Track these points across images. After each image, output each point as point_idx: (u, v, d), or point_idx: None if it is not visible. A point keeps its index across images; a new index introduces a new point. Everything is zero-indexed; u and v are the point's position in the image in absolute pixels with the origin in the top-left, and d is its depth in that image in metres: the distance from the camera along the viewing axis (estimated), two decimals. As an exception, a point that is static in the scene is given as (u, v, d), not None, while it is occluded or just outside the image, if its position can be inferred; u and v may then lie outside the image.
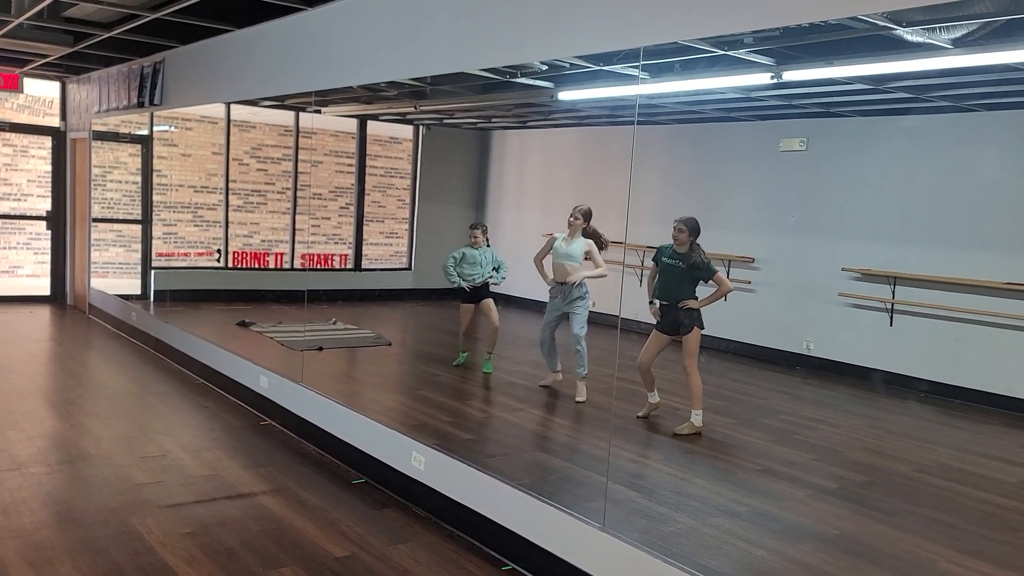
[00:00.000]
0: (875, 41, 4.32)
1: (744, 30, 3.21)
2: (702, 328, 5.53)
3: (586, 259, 6.17)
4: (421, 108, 8.99)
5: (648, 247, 8.46)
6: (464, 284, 6.89)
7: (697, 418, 5.44)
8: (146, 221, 9.37)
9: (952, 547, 3.99)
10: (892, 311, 7.14)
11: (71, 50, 7.73)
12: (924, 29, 3.96)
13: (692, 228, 5.54)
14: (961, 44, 4.10)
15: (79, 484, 4.50)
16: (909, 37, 4.09)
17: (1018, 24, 3.79)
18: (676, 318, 5.53)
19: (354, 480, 4.79)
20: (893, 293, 7.11)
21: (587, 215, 6.26)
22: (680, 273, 5.55)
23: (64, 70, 9.73)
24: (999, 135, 6.71)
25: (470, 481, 4.08)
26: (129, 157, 9.82)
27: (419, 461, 4.39)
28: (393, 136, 11.56)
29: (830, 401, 7.11)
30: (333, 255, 11.36)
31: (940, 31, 4.00)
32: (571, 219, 6.19)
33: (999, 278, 6.47)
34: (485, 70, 5.35)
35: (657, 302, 5.63)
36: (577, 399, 6.05)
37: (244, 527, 4.03)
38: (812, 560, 3.78)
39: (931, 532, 4.15)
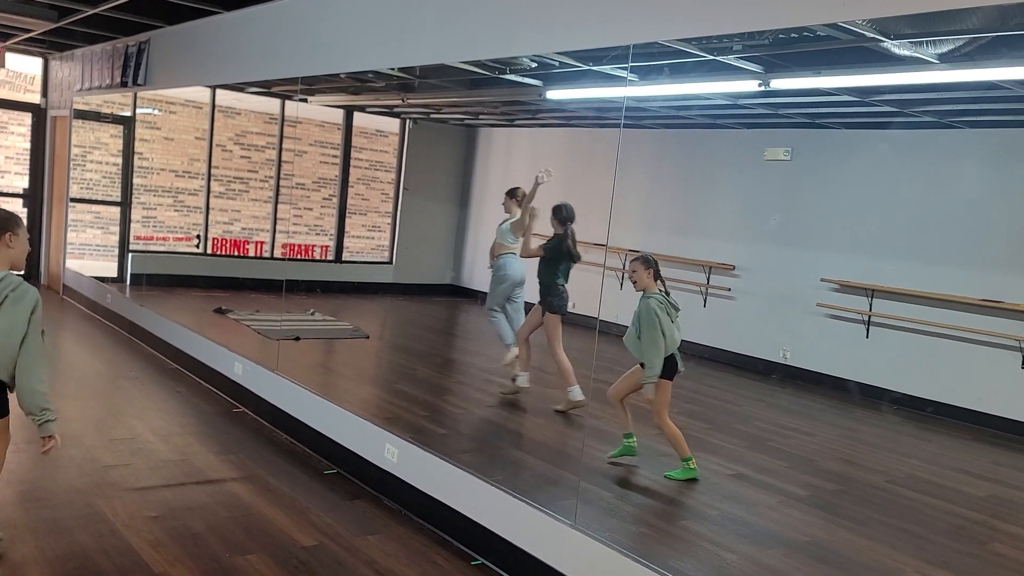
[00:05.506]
0: (862, 53, 4.35)
1: (732, 32, 3.22)
2: (554, 312, 5.79)
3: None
4: (408, 101, 8.95)
5: (631, 250, 8.50)
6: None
7: (573, 393, 5.71)
8: (125, 203, 9.26)
9: (920, 558, 4.02)
10: (869, 323, 7.20)
11: (55, 25, 7.61)
12: (911, 43, 4.00)
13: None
14: (947, 59, 4.14)
15: (45, 464, 4.43)
16: (896, 50, 4.13)
17: (1003, 41, 3.83)
18: None
19: (326, 470, 4.75)
20: (870, 305, 7.17)
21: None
22: None
23: (47, 46, 9.59)
24: (979, 152, 6.78)
25: (442, 475, 4.06)
26: (110, 138, 9.70)
27: (392, 453, 4.36)
28: (379, 129, 11.50)
29: (804, 410, 7.15)
30: (314, 246, 11.28)
31: (927, 45, 4.03)
32: None
33: (974, 294, 6.55)
34: (473, 65, 5.34)
35: None
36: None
37: (212, 513, 3.98)
38: (781, 565, 3.79)
39: (900, 542, 4.18)
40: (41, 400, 3.01)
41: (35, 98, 10.60)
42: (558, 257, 5.77)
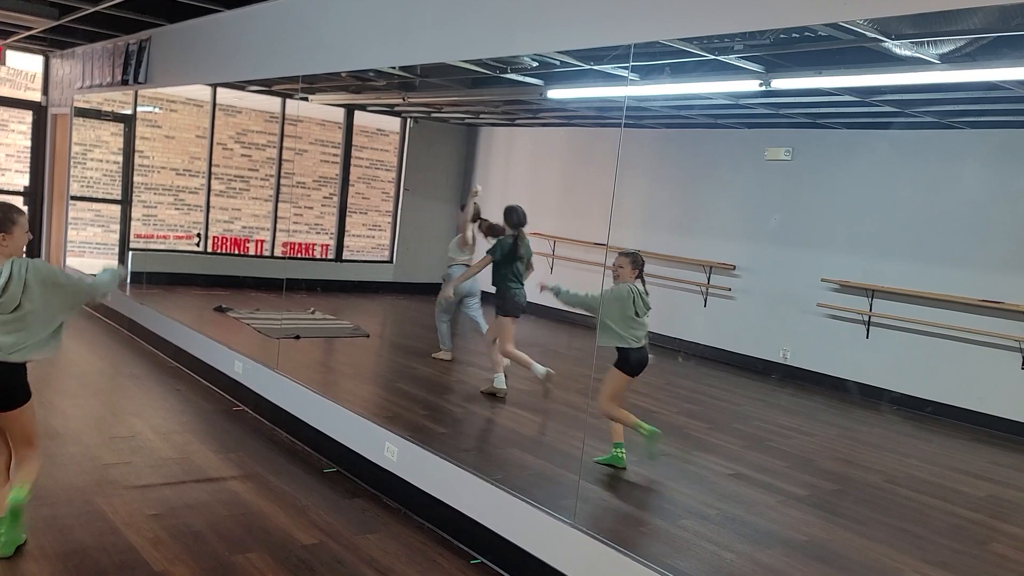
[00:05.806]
0: (863, 53, 4.35)
1: (733, 31, 3.22)
2: (504, 315, 5.85)
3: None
4: (409, 100, 8.94)
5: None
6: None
7: (537, 371, 5.75)
8: (126, 202, 9.26)
9: (919, 558, 4.02)
10: (869, 323, 7.20)
11: (56, 23, 7.61)
12: (912, 43, 4.00)
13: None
14: (948, 60, 4.13)
15: (45, 462, 4.40)
16: (897, 50, 4.13)
17: (1004, 42, 3.83)
18: None
19: (326, 469, 4.75)
20: (871, 306, 7.17)
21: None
22: None
23: (48, 44, 9.59)
24: (980, 152, 6.78)
25: (442, 474, 4.06)
26: (111, 136, 9.69)
27: (392, 452, 4.36)
28: (380, 128, 11.50)
29: (804, 410, 7.15)
30: (314, 244, 11.28)
31: (928, 46, 4.03)
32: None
33: (974, 295, 6.54)
34: (474, 64, 5.34)
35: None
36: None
37: (212, 511, 3.98)
38: (780, 565, 3.79)
39: (899, 542, 4.18)
40: (107, 281, 3.54)
41: (36, 96, 10.61)
42: (505, 260, 5.81)
